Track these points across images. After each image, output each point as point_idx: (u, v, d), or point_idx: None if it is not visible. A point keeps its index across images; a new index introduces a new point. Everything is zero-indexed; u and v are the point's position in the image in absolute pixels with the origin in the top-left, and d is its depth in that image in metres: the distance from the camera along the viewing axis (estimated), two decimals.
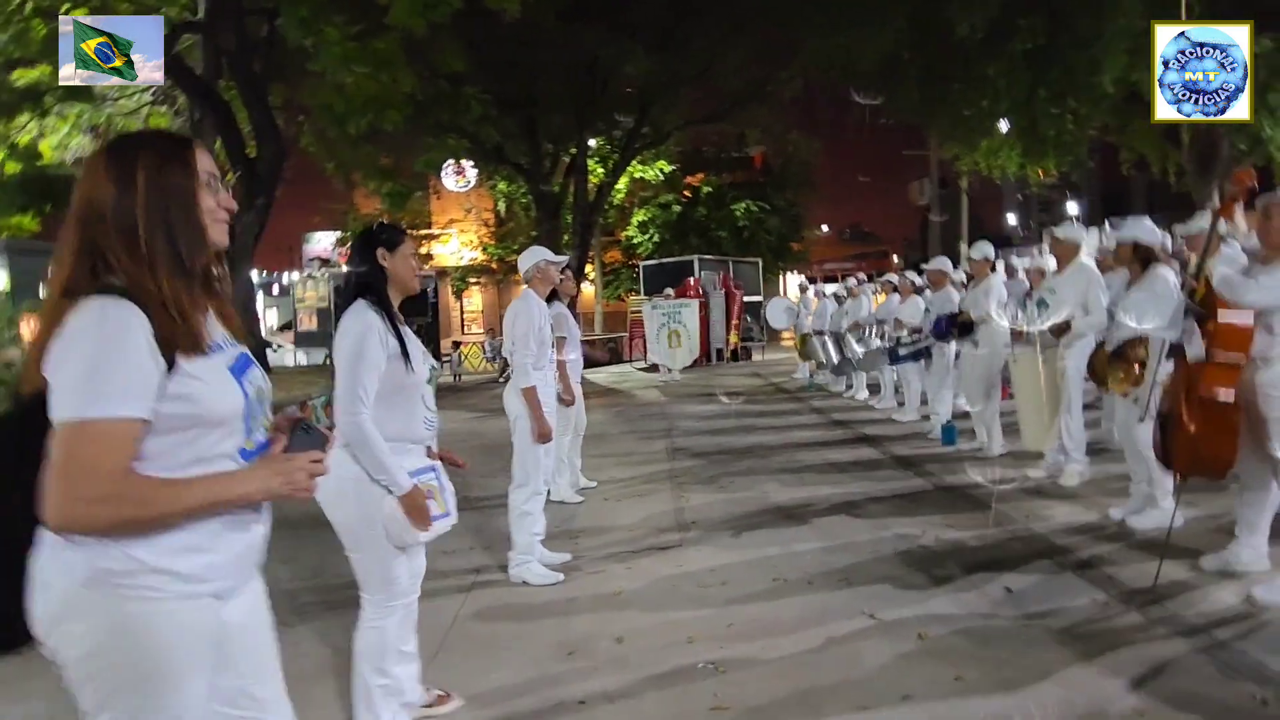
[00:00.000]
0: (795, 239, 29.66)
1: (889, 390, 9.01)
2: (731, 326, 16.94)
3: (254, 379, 1.39)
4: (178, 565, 1.26)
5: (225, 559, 1.33)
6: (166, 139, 1.36)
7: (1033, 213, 73.14)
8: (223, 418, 1.30)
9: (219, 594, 1.34)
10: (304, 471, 1.34)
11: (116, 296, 1.21)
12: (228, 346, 1.38)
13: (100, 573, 1.22)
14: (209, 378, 1.28)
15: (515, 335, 3.84)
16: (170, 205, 1.27)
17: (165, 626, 1.25)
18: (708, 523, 4.82)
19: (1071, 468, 5.17)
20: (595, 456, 6.95)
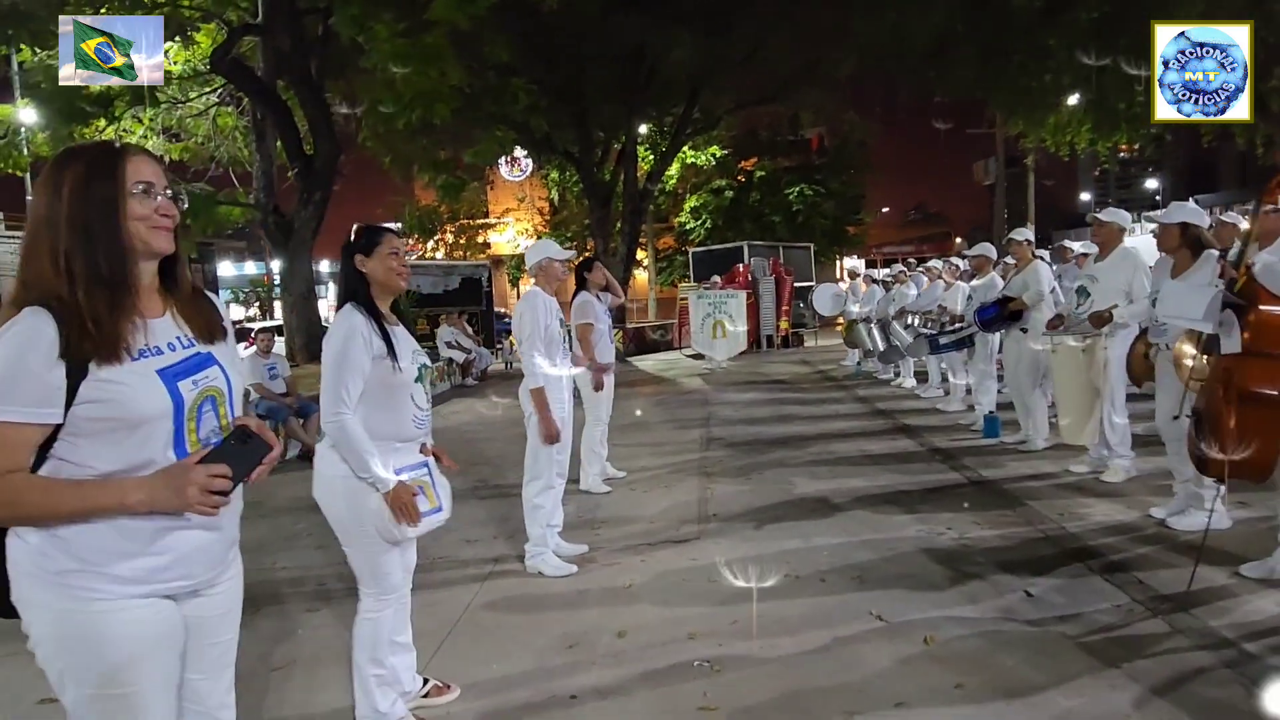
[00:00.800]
0: (852, 222, 29.00)
1: (935, 379, 8.75)
2: (782, 313, 16.70)
3: (204, 380, 1.42)
4: (115, 569, 1.32)
5: (168, 562, 1.38)
6: (97, 150, 1.38)
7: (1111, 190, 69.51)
8: (144, 418, 1.33)
9: (171, 594, 1.40)
10: (196, 486, 1.31)
11: (35, 307, 1.27)
12: (176, 349, 1.41)
13: (45, 571, 1.30)
14: (130, 381, 1.31)
15: (521, 335, 3.87)
16: (91, 216, 1.31)
17: (106, 625, 1.32)
18: (729, 515, 4.79)
19: (1116, 463, 4.93)
20: (629, 446, 6.99)
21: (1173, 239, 3.91)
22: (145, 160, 1.39)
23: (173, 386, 1.37)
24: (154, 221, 1.37)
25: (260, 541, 4.77)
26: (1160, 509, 4.18)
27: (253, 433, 1.44)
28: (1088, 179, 67.20)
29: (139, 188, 1.35)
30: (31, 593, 1.31)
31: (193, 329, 1.45)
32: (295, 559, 4.49)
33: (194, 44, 13.11)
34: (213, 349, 1.46)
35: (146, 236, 1.36)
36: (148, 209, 1.36)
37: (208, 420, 1.43)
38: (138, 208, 1.35)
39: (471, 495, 5.64)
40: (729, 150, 26.88)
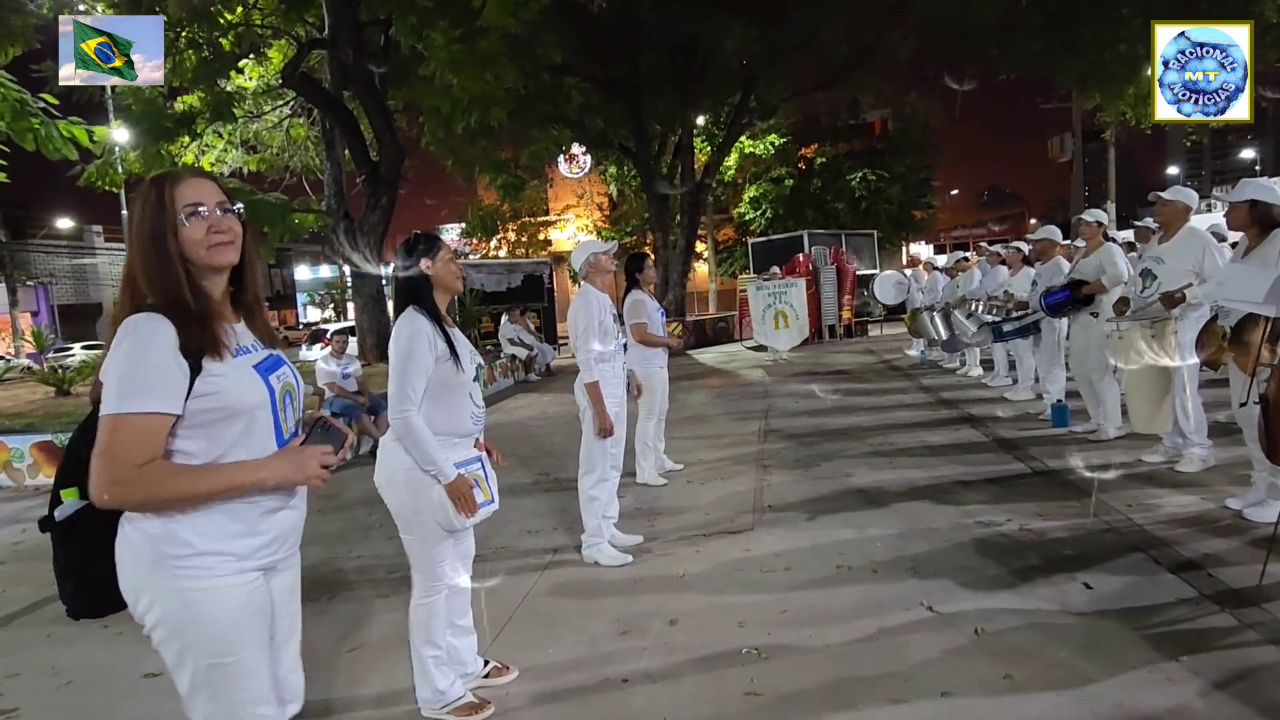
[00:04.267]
0: (919, 206, 28.22)
1: (1002, 367, 8.51)
2: (844, 302, 16.43)
3: (282, 376, 1.61)
4: (231, 547, 1.50)
5: (269, 540, 1.57)
6: (152, 182, 1.53)
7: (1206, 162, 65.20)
8: (249, 407, 1.52)
9: (266, 570, 1.59)
10: (315, 461, 1.54)
11: (148, 312, 1.45)
12: (257, 349, 1.60)
13: (161, 556, 1.47)
14: (234, 374, 1.50)
15: (576, 332, 3.99)
16: (147, 244, 1.48)
17: (220, 600, 1.49)
18: (784, 506, 4.82)
19: (1191, 452, 4.73)
20: (688, 439, 7.07)
21: (1241, 217, 3.73)
22: (195, 183, 1.52)
23: (266, 379, 1.56)
24: (209, 240, 1.50)
25: (337, 533, 5.05)
26: (1237, 499, 4.01)
27: (331, 422, 1.64)
28: (1177, 151, 63.31)
29: (187, 211, 1.49)
30: (151, 578, 1.48)
31: (259, 335, 1.62)
32: (368, 548, 4.74)
33: (267, 60, 13.77)
34: (278, 352, 1.64)
35: (204, 256, 1.51)
36: (200, 230, 1.50)
37: (290, 413, 1.62)
38: (190, 231, 1.49)
39: (533, 488, 5.83)
40: (788, 138, 26.52)
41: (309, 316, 46.50)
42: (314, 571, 4.29)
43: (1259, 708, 2.33)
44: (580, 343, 3.97)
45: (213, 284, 1.55)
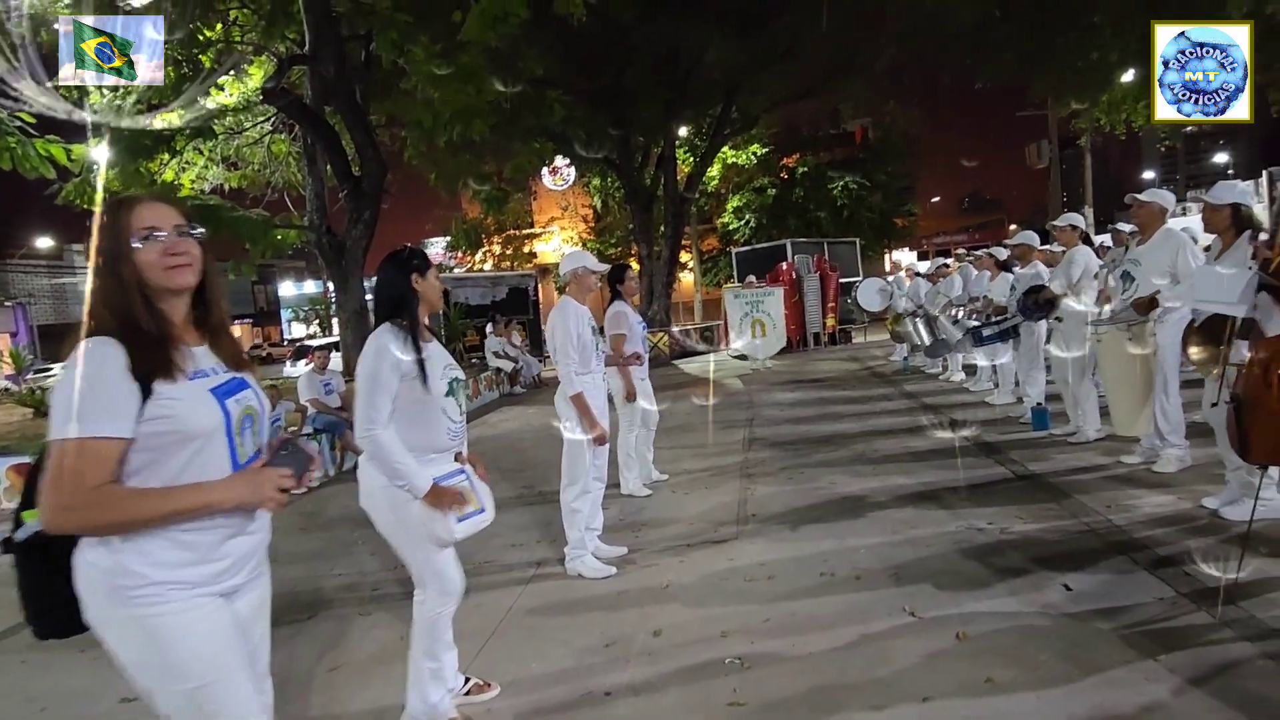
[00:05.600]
0: (900, 214, 28.48)
1: (984, 371, 8.58)
2: (828, 310, 16.52)
3: (243, 400, 1.58)
4: (184, 575, 1.48)
5: (226, 566, 1.55)
6: (107, 207, 1.52)
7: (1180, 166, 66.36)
8: (202, 431, 1.49)
9: (227, 593, 1.56)
10: (271, 483, 1.52)
11: (99, 336, 1.44)
12: (219, 372, 1.58)
13: (115, 589, 1.45)
14: (187, 398, 1.48)
15: (555, 345, 3.99)
16: (103, 268, 1.48)
17: (183, 626, 1.47)
18: (768, 515, 4.83)
19: (1169, 453, 4.79)
20: (673, 448, 7.07)
21: (1223, 220, 3.79)
22: (152, 206, 1.51)
23: (223, 403, 1.54)
24: (165, 263, 1.49)
25: (318, 550, 5.01)
26: (1213, 499, 4.06)
27: (297, 445, 1.61)
28: (1152, 156, 64.31)
29: (142, 234, 1.48)
30: (111, 612, 1.46)
31: (224, 358, 1.60)
32: (351, 565, 4.70)
33: (247, 76, 13.72)
34: (243, 375, 1.62)
35: (161, 279, 1.50)
36: (154, 254, 1.48)
37: (248, 437, 1.59)
38: (145, 255, 1.48)
39: (517, 502, 5.80)
40: (770, 148, 26.72)
41: (294, 332, 46.20)
42: (294, 590, 4.25)
43: (1234, 704, 2.35)
44: (559, 356, 3.97)
45: (172, 307, 1.54)
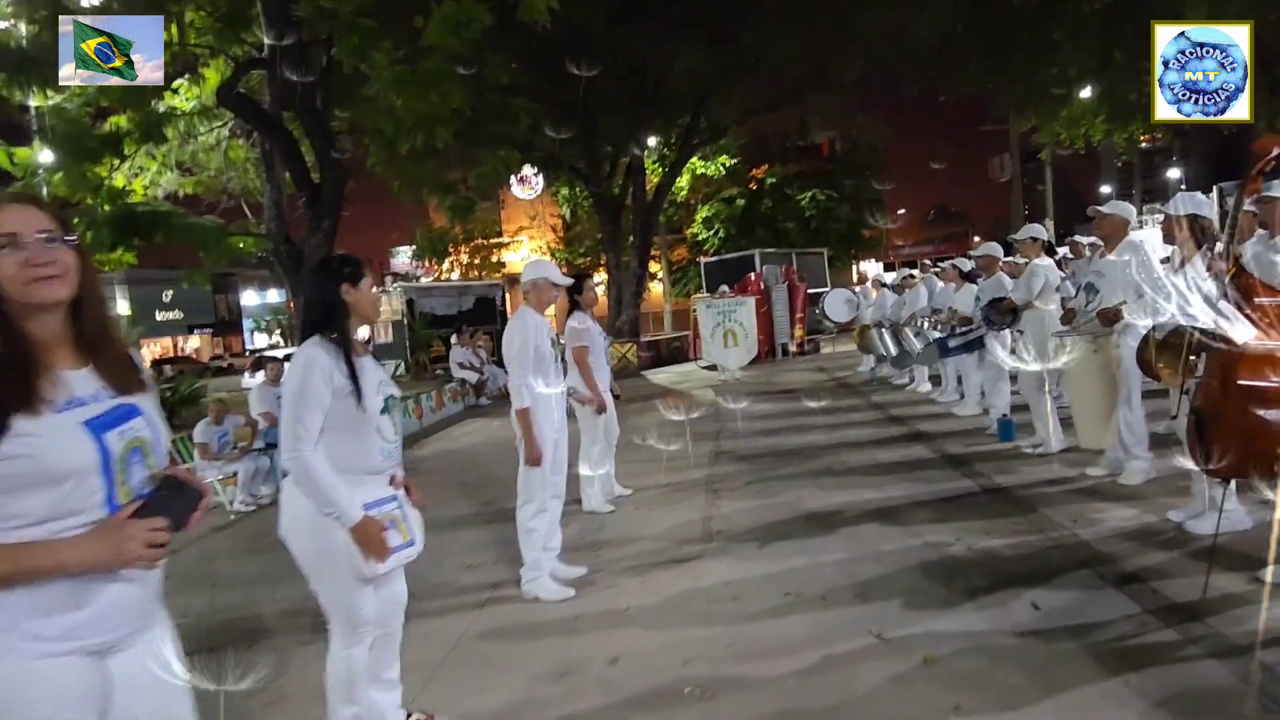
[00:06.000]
0: (868, 226, 28.80)
1: (950, 382, 8.59)
2: (796, 320, 16.55)
3: (129, 431, 1.38)
4: (32, 625, 1.28)
5: (91, 616, 1.33)
6: None
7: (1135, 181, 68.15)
8: (68, 473, 1.29)
9: (94, 650, 1.35)
10: (138, 540, 1.31)
11: None
12: (101, 400, 1.37)
13: None
14: (51, 434, 1.28)
15: (510, 356, 3.84)
16: None
17: (26, 683, 1.27)
18: (733, 532, 4.71)
19: (1133, 465, 4.77)
20: (637, 462, 6.92)
21: (1182, 231, 3.78)
22: (10, 210, 1.33)
23: (99, 438, 1.34)
24: (26, 275, 1.30)
25: (262, 573, 4.76)
26: (1179, 512, 4.03)
27: (184, 481, 1.42)
28: (1110, 171, 65.99)
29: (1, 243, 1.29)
30: None
31: (112, 381, 1.40)
32: (296, 590, 4.44)
33: (202, 80, 13.36)
34: (135, 399, 1.42)
35: (21, 293, 1.30)
36: (13, 264, 1.29)
37: (136, 471, 1.39)
38: (2, 265, 1.29)
39: (475, 519, 5.61)
40: (739, 159, 26.86)
41: (256, 343, 45.25)
42: (233, 617, 4.02)
43: None
44: (513, 368, 3.82)
45: (39, 325, 1.33)
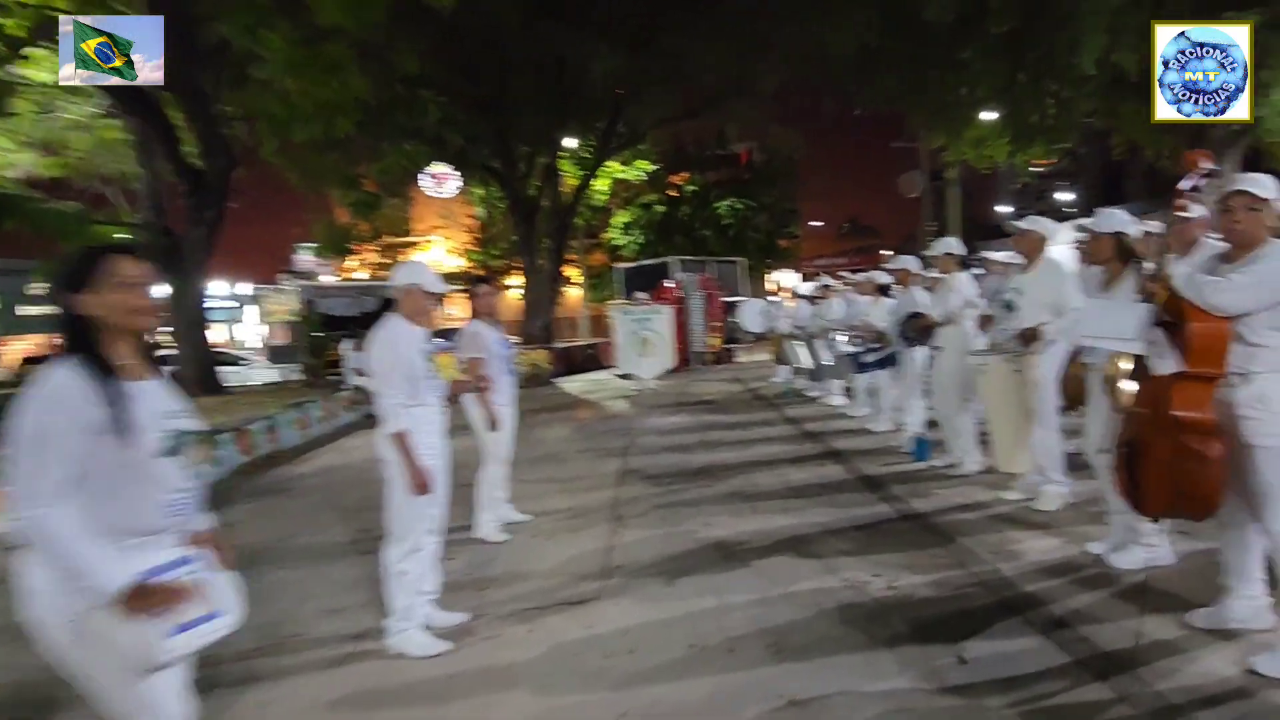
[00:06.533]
0: (784, 236, 29.15)
1: (863, 397, 8.44)
2: (713, 329, 16.38)
3: None
4: None
5: None
6: None
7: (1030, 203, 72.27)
8: None
9: None
10: None
11: None
12: None
13: None
14: None
15: (377, 372, 3.28)
16: None
17: None
18: (636, 566, 4.27)
19: (1049, 490, 4.61)
20: (539, 482, 6.42)
21: (1106, 249, 3.59)
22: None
23: None
24: None
25: None
26: (1098, 543, 3.85)
27: None
28: (1008, 192, 69.72)
29: None
30: None
31: None
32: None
33: None
34: None
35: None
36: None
37: None
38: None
39: (349, 550, 4.98)
40: (659, 165, 26.69)
41: None
42: (21, 680, 3.29)
43: None
44: (380, 386, 3.27)
45: None
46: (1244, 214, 2.54)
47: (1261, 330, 2.50)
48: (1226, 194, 2.57)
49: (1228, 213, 2.58)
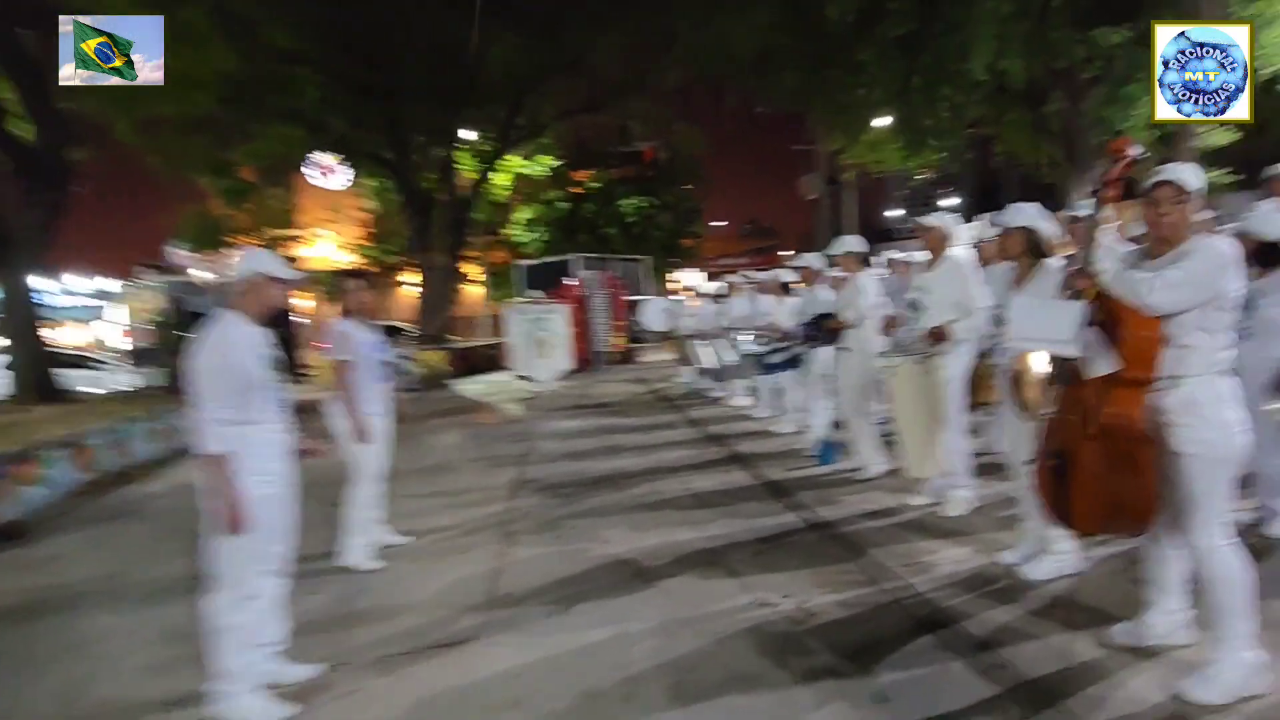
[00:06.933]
0: (687, 234, 29.17)
1: (766, 398, 8.27)
2: (616, 329, 16.03)
3: None
4: None
5: None
6: None
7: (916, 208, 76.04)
8: None
9: None
10: None
11: None
12: None
13: None
14: None
15: (199, 381, 2.69)
16: None
17: None
18: (526, 592, 3.82)
19: (956, 494, 4.47)
20: (424, 497, 5.86)
21: (1017, 244, 3.42)
22: None
23: None
24: None
25: None
26: (1010, 552, 3.69)
27: None
28: (896, 198, 73.29)
29: None
30: None
31: None
32: None
33: None
34: None
35: None
36: None
37: None
38: None
39: (182, 589, 4.25)
40: (563, 161, 26.12)
41: None
42: None
43: None
44: (203, 396, 2.68)
45: None
46: (1170, 207, 2.36)
47: (1191, 331, 2.33)
48: (1151, 185, 2.38)
49: (1153, 205, 2.39)
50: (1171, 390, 2.36)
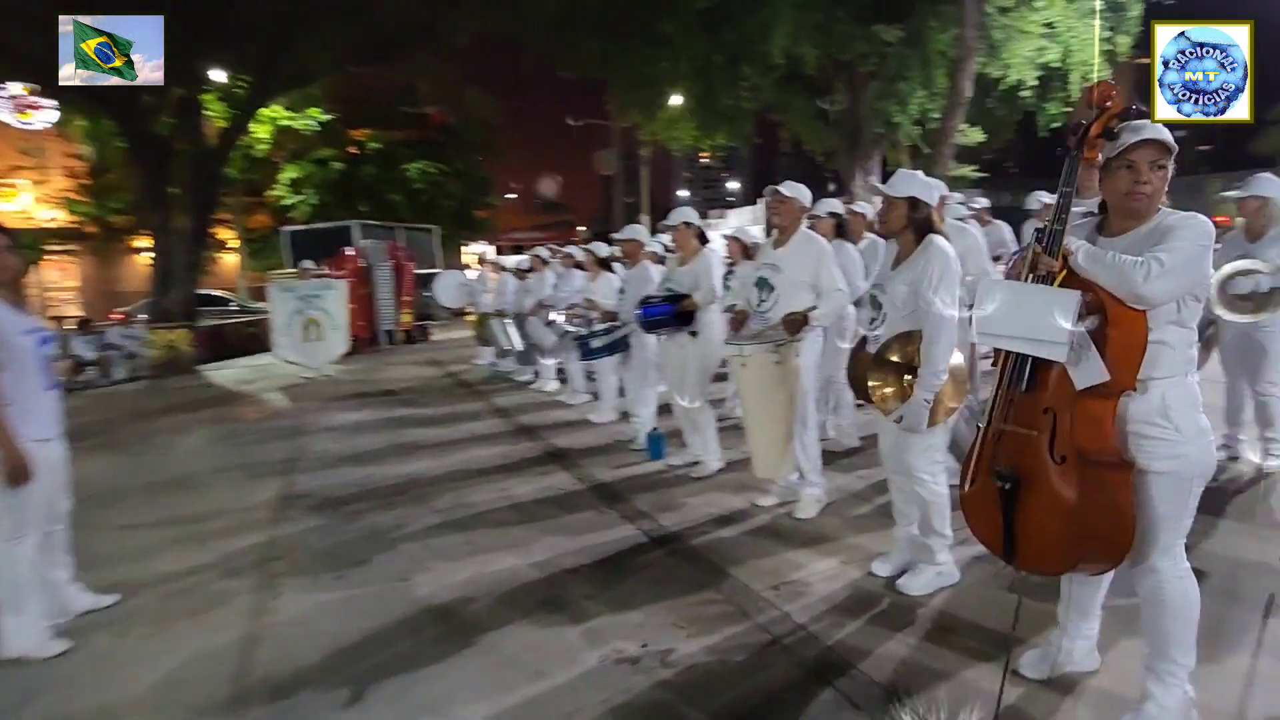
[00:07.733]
0: (480, 205, 27.61)
1: (580, 382, 7.58)
2: (403, 304, 14.45)
3: None
4: None
5: None
6: None
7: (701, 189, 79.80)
8: None
9: None
10: None
11: None
12: None
13: None
14: None
15: None
16: None
17: None
18: (287, 674, 2.77)
19: (808, 494, 4.07)
20: (149, 528, 4.45)
21: (900, 216, 2.97)
22: None
23: None
24: None
25: None
26: (881, 563, 3.31)
27: None
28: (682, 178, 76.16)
29: None
30: None
31: None
32: None
33: None
34: None
35: None
36: None
37: None
38: None
39: None
40: (336, 116, 23.32)
41: None
42: None
43: None
44: None
45: None
46: (1152, 173, 1.94)
47: (1163, 325, 1.93)
48: (1129, 146, 1.94)
49: (1128, 170, 1.96)
50: (1139, 396, 1.95)
